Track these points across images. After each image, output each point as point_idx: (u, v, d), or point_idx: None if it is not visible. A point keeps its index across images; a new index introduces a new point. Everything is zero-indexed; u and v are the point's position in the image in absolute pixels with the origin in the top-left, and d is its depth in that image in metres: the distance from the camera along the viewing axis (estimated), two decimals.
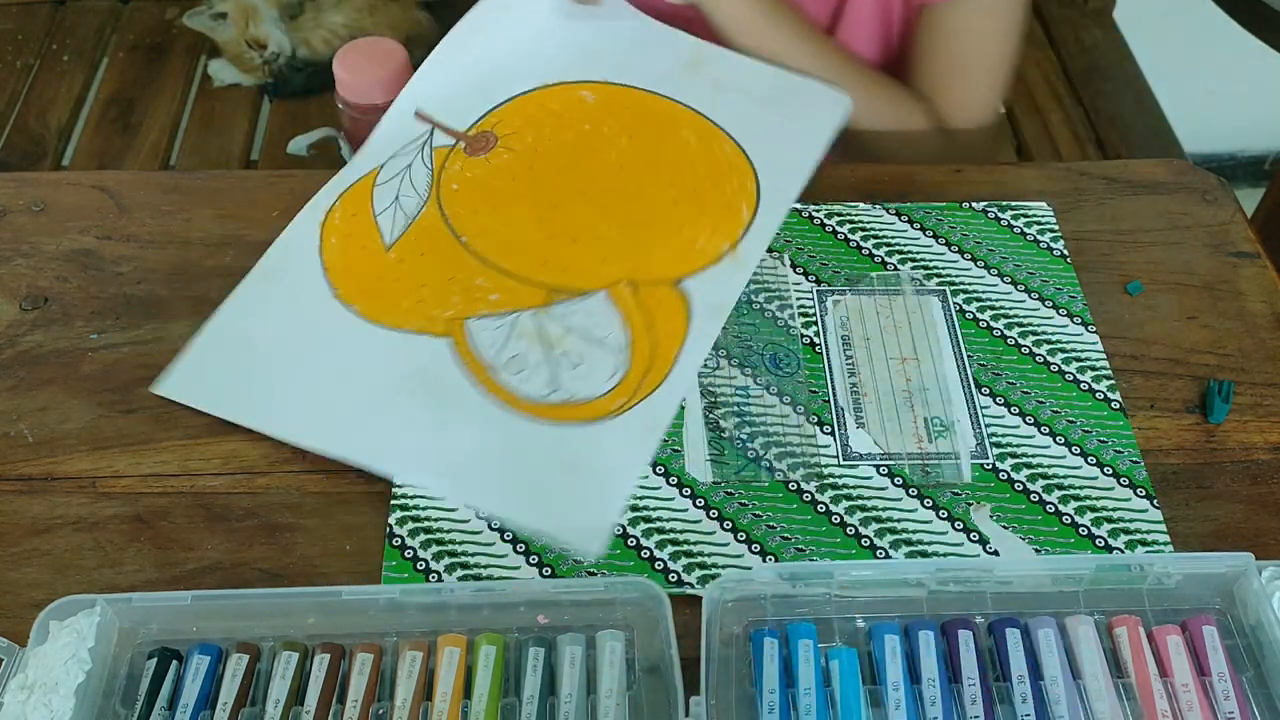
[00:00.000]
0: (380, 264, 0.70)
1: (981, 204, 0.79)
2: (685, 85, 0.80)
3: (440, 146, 0.76)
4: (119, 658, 0.54)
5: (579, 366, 0.65)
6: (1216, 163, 2.10)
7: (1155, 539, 0.61)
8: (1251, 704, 0.53)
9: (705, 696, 0.51)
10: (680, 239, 0.72)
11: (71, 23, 1.75)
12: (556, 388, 0.65)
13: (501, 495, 0.61)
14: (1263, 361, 0.70)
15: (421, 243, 0.71)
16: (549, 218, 0.73)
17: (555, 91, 0.79)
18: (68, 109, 1.59)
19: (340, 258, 0.71)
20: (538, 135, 0.77)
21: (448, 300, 0.69)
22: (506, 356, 0.66)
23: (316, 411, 0.65)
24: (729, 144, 0.77)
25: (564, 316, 0.68)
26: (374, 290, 0.69)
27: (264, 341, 0.67)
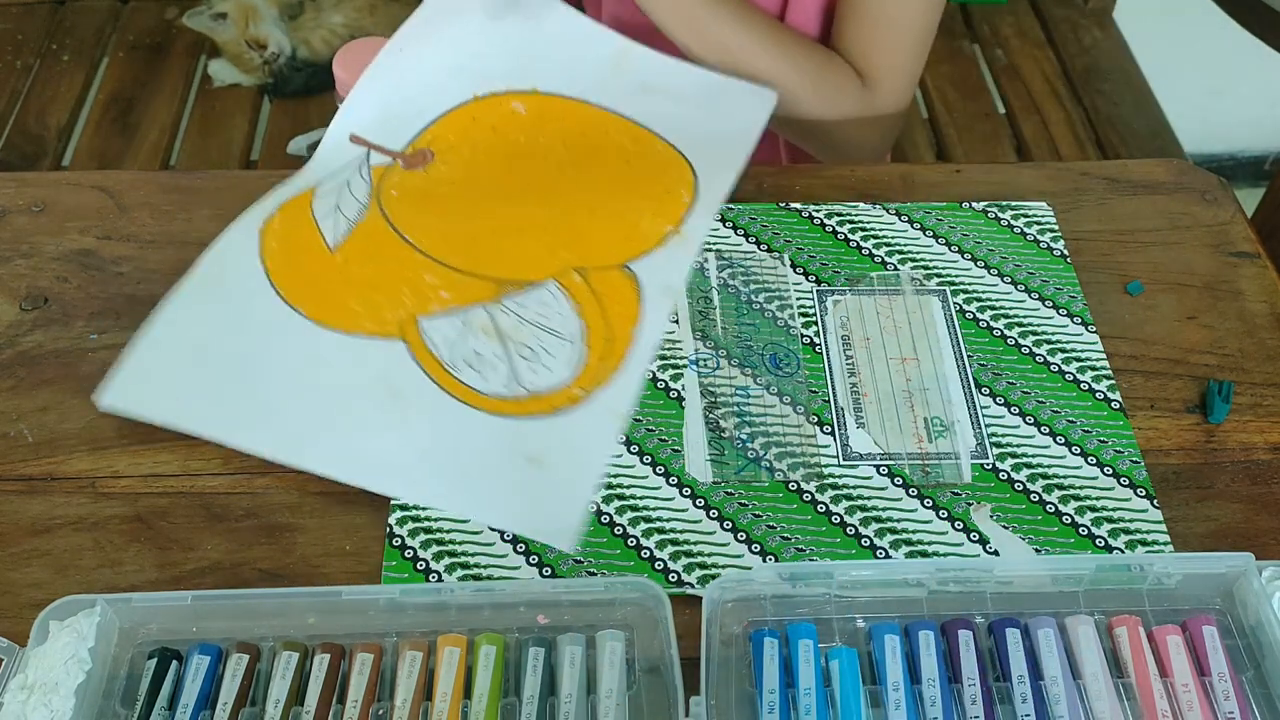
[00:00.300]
0: (326, 266, 0.69)
1: (981, 204, 0.79)
2: (614, 89, 0.80)
3: (378, 165, 0.75)
4: (119, 658, 0.54)
5: (538, 358, 0.65)
6: (1216, 163, 2.10)
7: (1155, 539, 0.61)
8: (1251, 704, 0.53)
9: (705, 696, 0.51)
10: (624, 223, 0.73)
11: (71, 23, 1.75)
12: (517, 381, 0.64)
13: (468, 495, 0.61)
14: (1263, 361, 0.70)
15: (367, 244, 0.70)
16: (493, 213, 0.73)
17: (486, 104, 0.78)
18: (68, 109, 1.59)
19: (283, 261, 0.69)
20: (473, 149, 0.76)
21: (399, 301, 0.68)
22: (463, 354, 0.65)
23: (272, 418, 0.63)
24: (661, 143, 0.77)
25: (517, 309, 0.67)
26: (321, 293, 0.68)
27: (210, 347, 0.66)
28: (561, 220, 0.73)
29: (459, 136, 0.77)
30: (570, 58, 0.82)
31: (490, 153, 0.77)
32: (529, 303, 0.68)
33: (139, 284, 0.74)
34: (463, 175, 0.75)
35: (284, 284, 0.68)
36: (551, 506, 0.60)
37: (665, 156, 0.77)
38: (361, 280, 0.69)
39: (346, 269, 0.69)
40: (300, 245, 0.70)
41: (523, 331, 0.67)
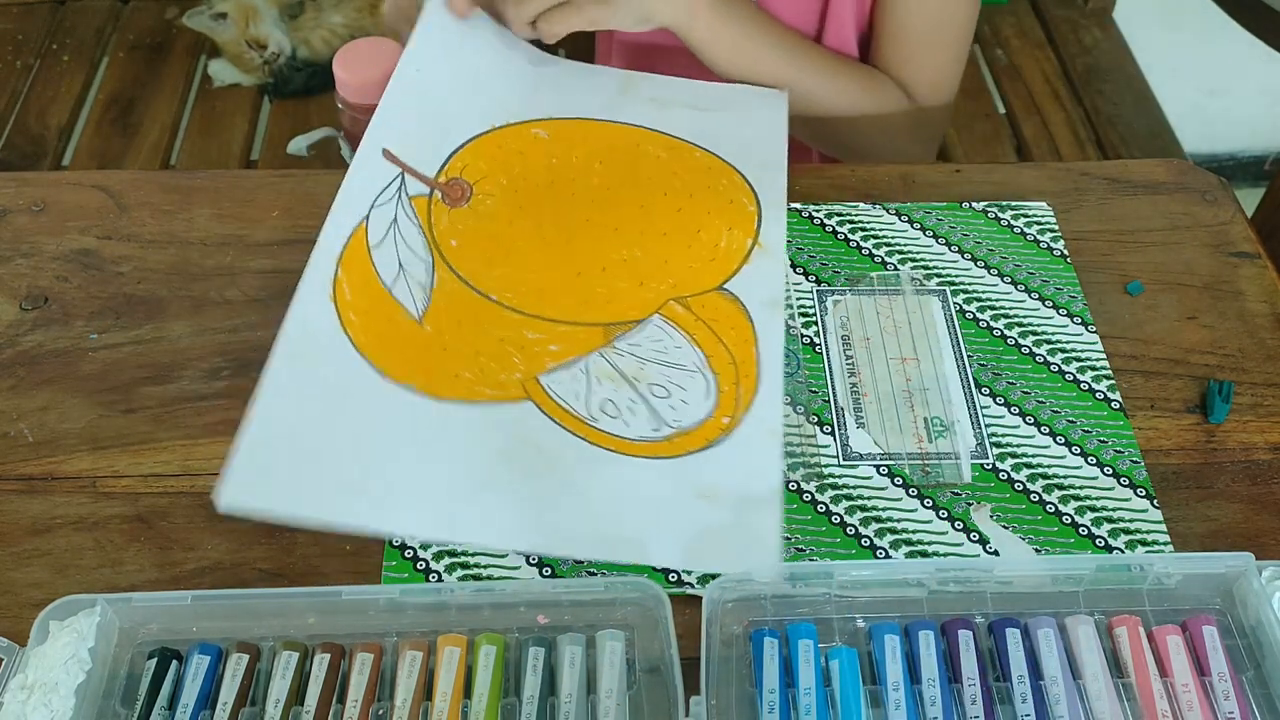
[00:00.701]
0: (421, 340, 0.64)
1: (981, 204, 0.79)
2: (628, 108, 0.80)
3: (416, 195, 0.71)
4: (119, 658, 0.54)
5: (671, 395, 0.64)
6: (1216, 163, 2.10)
7: (1155, 539, 0.61)
8: (1251, 704, 0.53)
9: (705, 696, 0.51)
10: (701, 243, 0.72)
11: (71, 23, 1.75)
12: (661, 423, 0.63)
13: (654, 543, 0.58)
14: (1263, 361, 0.70)
15: (453, 310, 0.66)
16: (565, 253, 0.71)
17: (509, 132, 0.77)
18: (68, 109, 1.59)
19: (373, 338, 0.63)
20: (510, 176, 0.75)
21: (510, 363, 0.64)
22: (598, 403, 0.63)
23: (419, 498, 0.58)
24: (697, 150, 0.77)
25: (632, 349, 0.66)
26: (427, 367, 0.63)
27: (322, 434, 0.59)
28: (641, 251, 0.71)
29: (490, 164, 0.75)
30: (576, 87, 0.81)
31: (527, 179, 0.75)
32: (642, 340, 0.66)
33: (139, 284, 0.74)
34: (510, 209, 0.73)
35: (383, 362, 0.62)
36: (742, 537, 0.58)
37: (706, 163, 0.76)
38: (463, 348, 0.65)
39: (442, 339, 0.65)
40: (384, 319, 0.64)
41: (648, 371, 0.65)
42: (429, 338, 0.65)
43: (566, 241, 0.72)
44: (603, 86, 0.81)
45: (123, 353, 0.70)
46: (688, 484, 0.60)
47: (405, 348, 0.64)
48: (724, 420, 0.63)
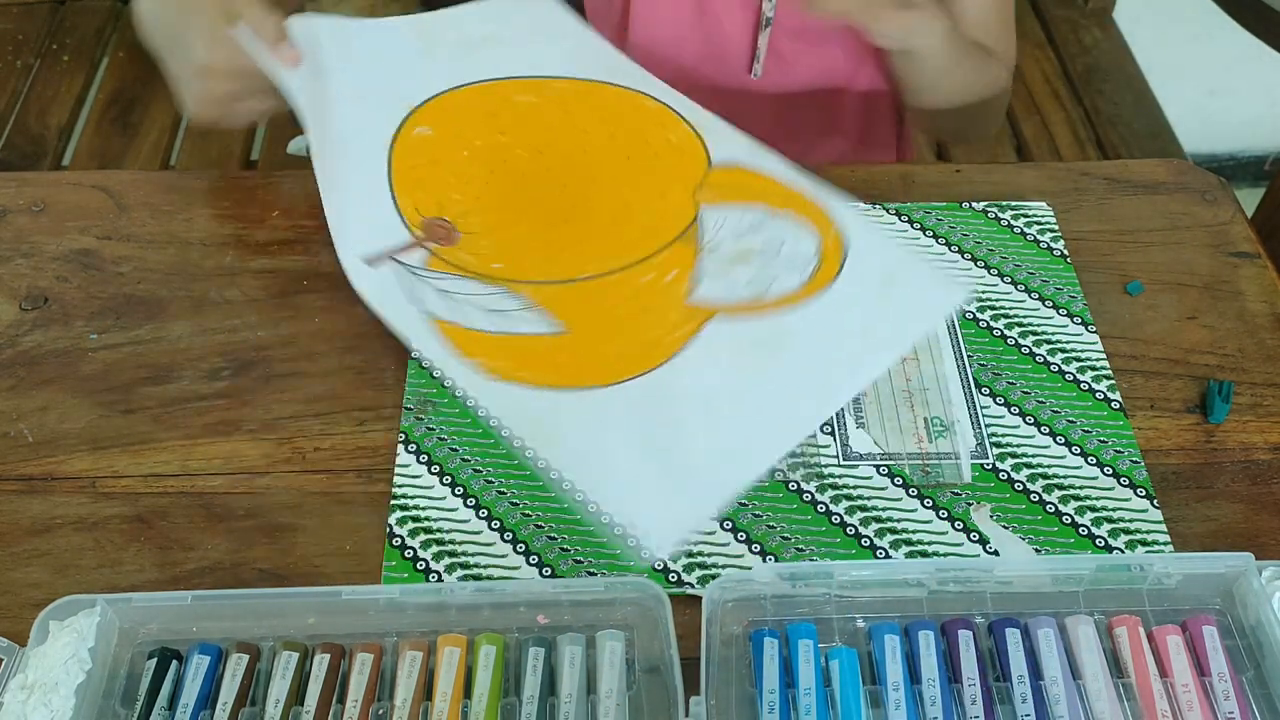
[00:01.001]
0: (563, 347, 0.67)
1: (981, 204, 0.79)
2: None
3: (422, 264, 0.70)
4: (119, 658, 0.54)
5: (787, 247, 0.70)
6: (1216, 163, 2.10)
7: (1155, 539, 0.61)
8: (1251, 704, 0.53)
9: (705, 696, 0.51)
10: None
11: (71, 23, 1.75)
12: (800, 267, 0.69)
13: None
14: (1263, 361, 0.70)
15: (568, 307, 0.68)
16: (582, 208, 0.74)
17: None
18: (68, 109, 1.59)
19: (515, 367, 0.66)
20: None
21: (658, 323, 0.67)
22: (761, 282, 0.68)
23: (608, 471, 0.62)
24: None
25: (727, 229, 0.71)
26: (595, 361, 0.66)
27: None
28: (633, 186, 0.74)
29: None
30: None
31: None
32: (729, 220, 0.72)
33: (139, 284, 0.74)
34: (503, 195, 0.74)
35: (538, 377, 0.66)
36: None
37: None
38: (635, 335, 0.67)
39: (584, 338, 0.67)
40: (517, 352, 0.66)
41: (755, 239, 0.70)
42: (573, 342, 0.67)
43: (577, 199, 0.74)
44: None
45: (123, 353, 0.70)
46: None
47: (550, 363, 0.66)
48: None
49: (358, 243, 0.70)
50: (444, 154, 0.75)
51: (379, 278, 0.68)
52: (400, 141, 0.75)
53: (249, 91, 0.73)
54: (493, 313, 0.68)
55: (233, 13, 0.71)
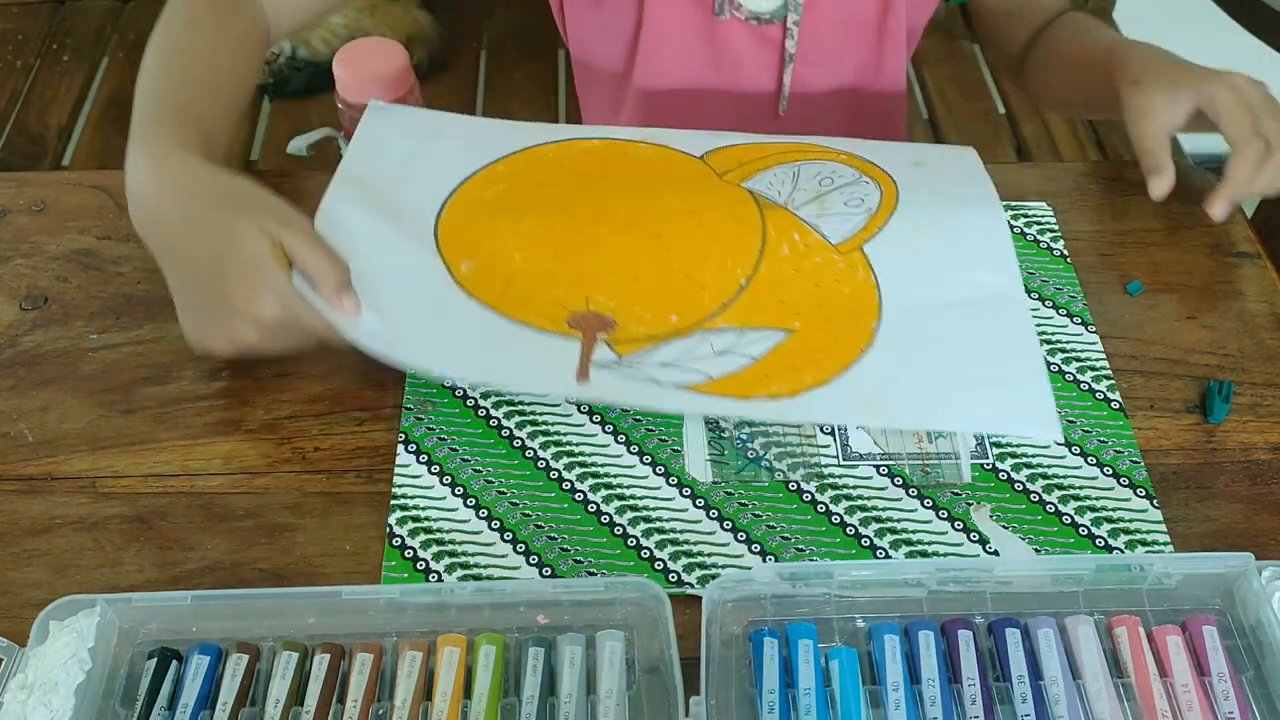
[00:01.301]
0: (797, 349, 0.68)
1: None
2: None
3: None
4: (119, 658, 0.54)
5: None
6: (1216, 163, 2.09)
7: (1155, 539, 0.61)
8: (1251, 704, 0.53)
9: (705, 696, 0.51)
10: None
11: (71, 23, 1.75)
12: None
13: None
14: (1263, 361, 0.70)
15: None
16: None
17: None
18: (68, 109, 1.60)
19: (795, 380, 0.67)
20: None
21: (839, 278, 0.71)
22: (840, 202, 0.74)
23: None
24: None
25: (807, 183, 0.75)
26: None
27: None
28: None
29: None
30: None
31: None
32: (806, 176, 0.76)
33: (139, 284, 0.74)
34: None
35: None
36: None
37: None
38: (837, 302, 0.70)
39: (817, 329, 0.69)
40: (778, 369, 0.67)
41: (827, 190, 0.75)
42: (803, 336, 0.69)
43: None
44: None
45: (122, 353, 0.70)
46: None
47: (805, 363, 0.67)
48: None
49: (531, 380, 0.65)
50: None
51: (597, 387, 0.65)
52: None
53: (288, 333, 0.63)
54: (723, 354, 0.67)
55: (284, 254, 0.62)
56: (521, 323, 0.67)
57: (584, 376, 0.64)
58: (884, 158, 0.79)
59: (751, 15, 0.86)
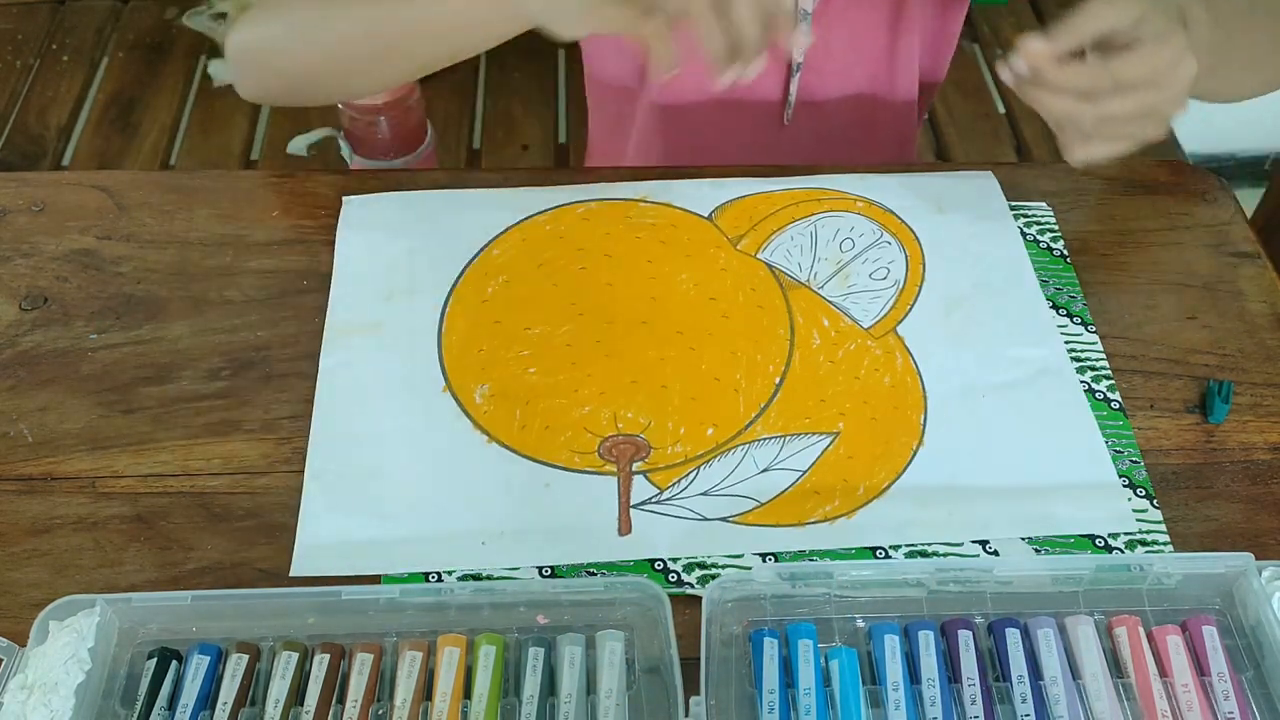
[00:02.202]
0: (845, 453, 0.65)
1: None
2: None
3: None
4: (119, 658, 0.54)
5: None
6: (1216, 163, 2.09)
7: (1155, 539, 0.61)
8: (1251, 704, 0.53)
9: (705, 696, 0.51)
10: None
11: (71, 23, 1.75)
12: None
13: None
14: (1263, 361, 0.70)
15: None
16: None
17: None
18: (68, 109, 1.59)
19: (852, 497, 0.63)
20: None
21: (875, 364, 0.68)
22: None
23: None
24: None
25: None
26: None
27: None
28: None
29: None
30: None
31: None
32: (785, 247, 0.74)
33: (139, 284, 0.74)
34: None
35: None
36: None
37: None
38: (882, 398, 0.67)
39: (860, 434, 0.65)
40: (838, 477, 0.63)
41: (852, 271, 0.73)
42: (849, 442, 0.65)
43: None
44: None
45: (122, 353, 0.70)
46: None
47: (856, 468, 0.64)
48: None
49: (573, 549, 0.61)
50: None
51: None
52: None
53: None
54: (768, 471, 0.63)
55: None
56: (552, 464, 0.63)
57: (626, 529, 0.61)
58: (902, 204, 0.77)
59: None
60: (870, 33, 0.86)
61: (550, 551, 0.60)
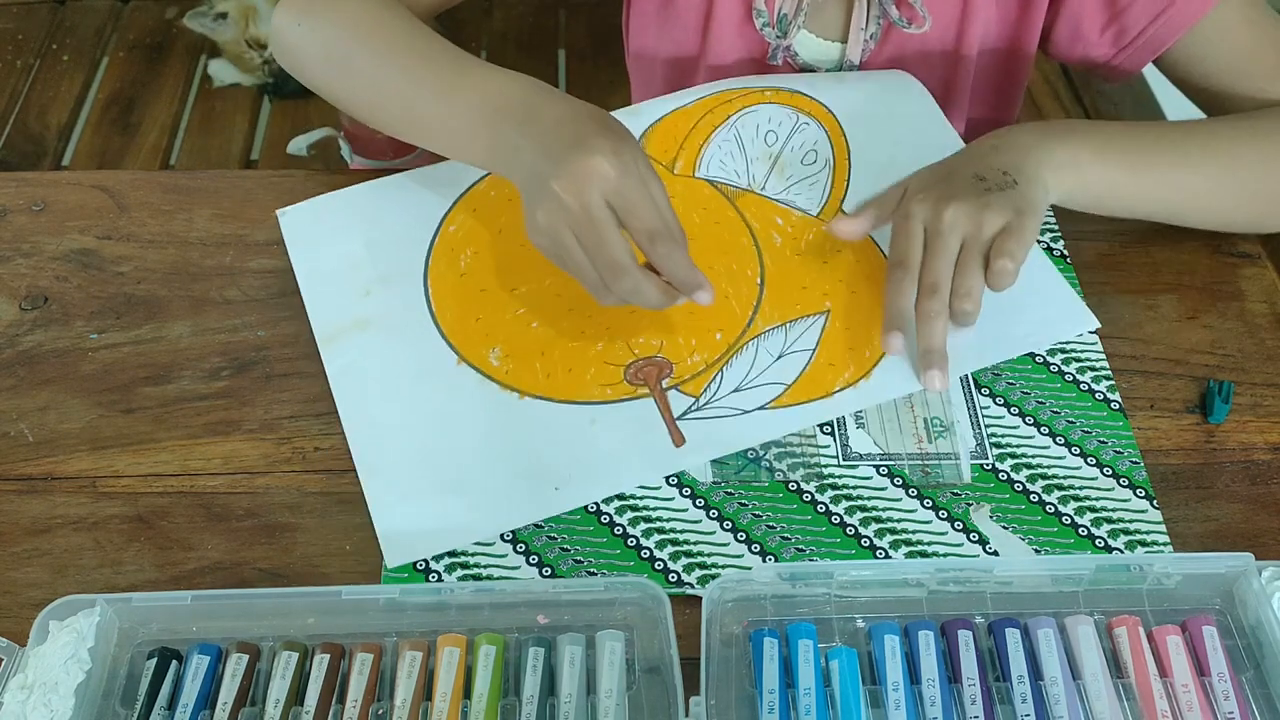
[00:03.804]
0: (839, 338, 0.68)
1: None
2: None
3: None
4: (119, 658, 0.54)
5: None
6: None
7: (1155, 539, 0.61)
8: (1251, 704, 0.53)
9: (705, 696, 0.51)
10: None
11: (71, 23, 1.75)
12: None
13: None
14: (1263, 361, 0.70)
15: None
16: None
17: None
18: (68, 109, 1.60)
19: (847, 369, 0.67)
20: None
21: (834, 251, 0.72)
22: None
23: None
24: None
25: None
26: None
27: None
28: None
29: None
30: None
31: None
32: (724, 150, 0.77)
33: (139, 284, 0.74)
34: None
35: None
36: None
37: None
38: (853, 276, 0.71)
39: (854, 316, 0.69)
40: (841, 355, 0.68)
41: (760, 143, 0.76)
42: (844, 323, 0.69)
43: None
44: None
45: (123, 353, 0.70)
46: None
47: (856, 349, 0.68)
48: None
49: (637, 470, 0.63)
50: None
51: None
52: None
53: (605, 224, 0.61)
54: (783, 356, 0.67)
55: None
56: (588, 402, 0.65)
57: (680, 440, 0.64)
58: (804, 82, 0.80)
59: (805, 65, 0.84)
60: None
61: (621, 478, 0.62)
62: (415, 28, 0.71)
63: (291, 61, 0.76)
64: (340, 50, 0.73)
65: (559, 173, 0.60)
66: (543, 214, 0.61)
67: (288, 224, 0.76)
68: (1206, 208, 0.74)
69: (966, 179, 0.67)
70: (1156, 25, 0.76)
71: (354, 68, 0.72)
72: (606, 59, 1.70)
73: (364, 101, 0.73)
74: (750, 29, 0.82)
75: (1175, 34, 0.76)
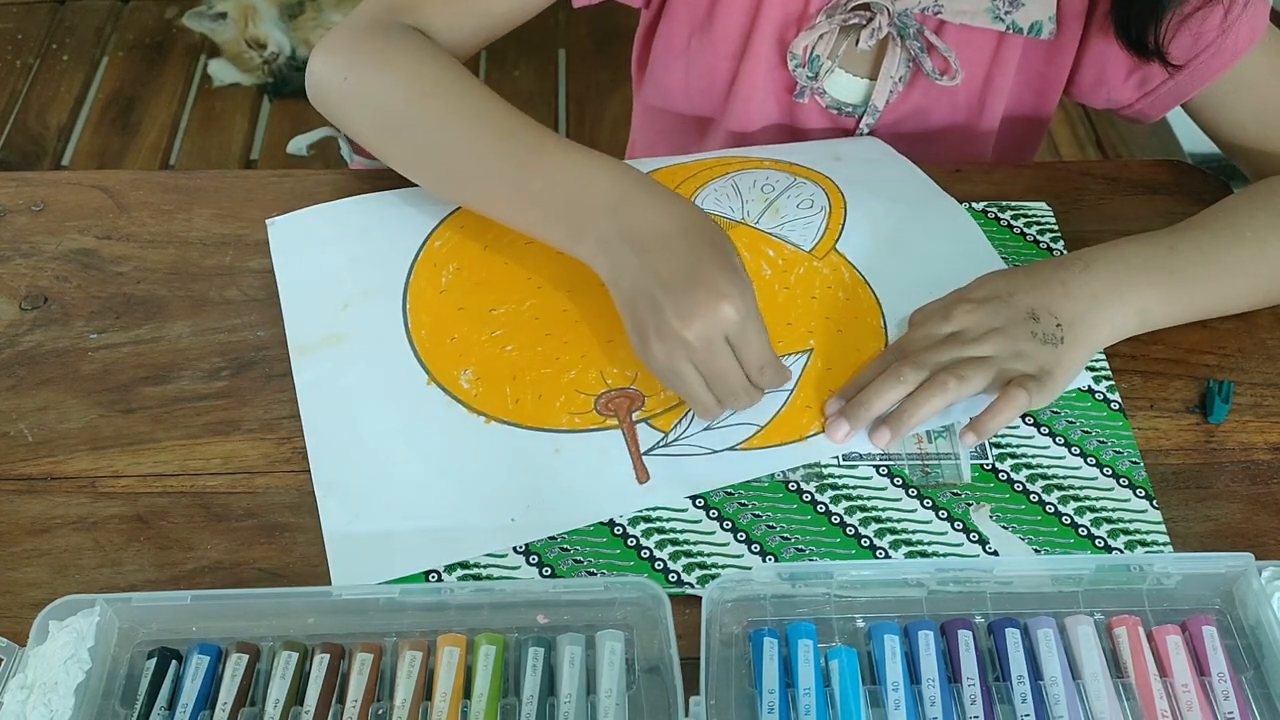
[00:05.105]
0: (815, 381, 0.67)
1: (981, 204, 0.79)
2: None
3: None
4: (119, 658, 0.54)
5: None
6: (1216, 163, 2.10)
7: (1155, 539, 0.61)
8: (1251, 704, 0.53)
9: (705, 696, 0.51)
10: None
11: (71, 23, 1.75)
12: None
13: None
14: (1263, 361, 0.70)
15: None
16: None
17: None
18: (68, 109, 1.60)
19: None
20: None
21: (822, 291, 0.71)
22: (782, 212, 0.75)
23: None
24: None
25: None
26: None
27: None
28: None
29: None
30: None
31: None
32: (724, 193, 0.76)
33: (139, 284, 0.74)
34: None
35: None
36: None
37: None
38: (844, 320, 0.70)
39: (833, 361, 0.68)
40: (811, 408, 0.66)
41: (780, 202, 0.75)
42: (820, 368, 0.68)
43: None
44: None
45: (122, 353, 0.70)
46: None
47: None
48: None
49: (600, 504, 0.62)
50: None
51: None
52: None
53: (725, 357, 0.62)
54: (764, 393, 0.64)
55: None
56: (553, 429, 0.64)
57: (644, 476, 0.62)
58: (804, 158, 0.80)
59: (834, 104, 0.84)
60: (941, 136, 0.86)
61: (580, 512, 0.61)
62: (476, 89, 0.69)
63: (338, 116, 0.74)
64: (396, 116, 0.70)
65: (682, 311, 0.59)
66: (661, 349, 0.60)
67: (276, 234, 0.75)
68: (1260, 301, 0.72)
69: (1022, 313, 0.65)
70: (1182, 74, 0.75)
71: (412, 138, 0.69)
72: (606, 59, 1.70)
73: (424, 174, 0.71)
74: (781, 68, 0.82)
75: (1201, 84, 0.76)
